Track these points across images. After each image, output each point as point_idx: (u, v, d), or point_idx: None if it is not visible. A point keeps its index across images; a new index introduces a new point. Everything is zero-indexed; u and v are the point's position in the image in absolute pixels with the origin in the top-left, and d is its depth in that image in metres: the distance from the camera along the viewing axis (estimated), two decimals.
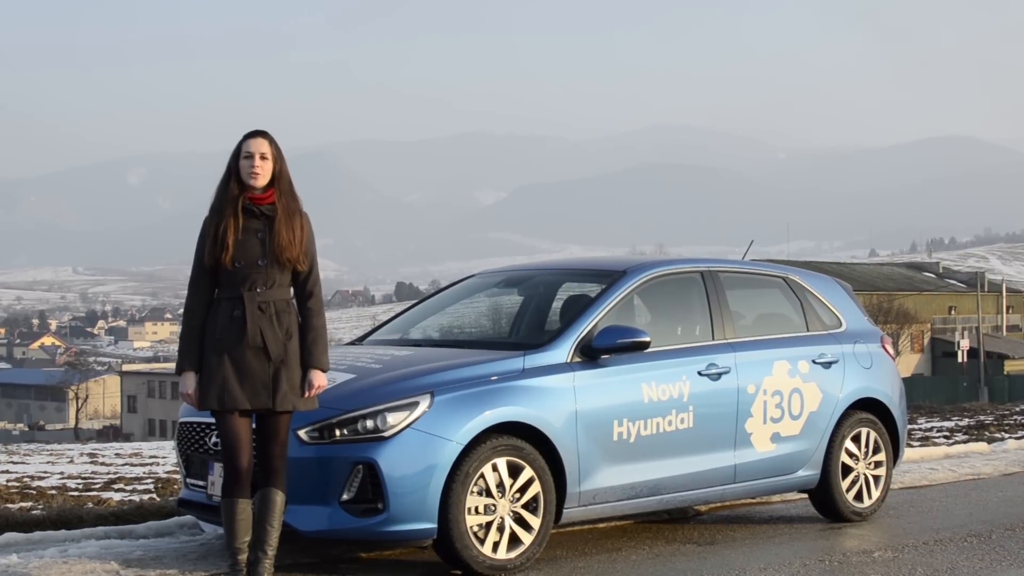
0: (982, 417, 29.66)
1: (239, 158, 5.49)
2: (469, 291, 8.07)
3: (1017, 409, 33.62)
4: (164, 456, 28.93)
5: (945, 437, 20.91)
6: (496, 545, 6.08)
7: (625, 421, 6.62)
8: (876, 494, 7.91)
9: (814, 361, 7.66)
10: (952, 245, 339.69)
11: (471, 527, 6.00)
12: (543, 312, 7.58)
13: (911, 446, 14.41)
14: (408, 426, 5.90)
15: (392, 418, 5.89)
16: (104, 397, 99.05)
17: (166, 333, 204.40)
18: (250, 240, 5.44)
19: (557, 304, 7.45)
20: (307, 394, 5.51)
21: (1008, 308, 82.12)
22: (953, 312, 78.06)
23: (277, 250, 5.44)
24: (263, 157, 5.46)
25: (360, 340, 7.87)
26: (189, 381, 5.47)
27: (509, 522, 6.14)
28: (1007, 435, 19.36)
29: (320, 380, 5.52)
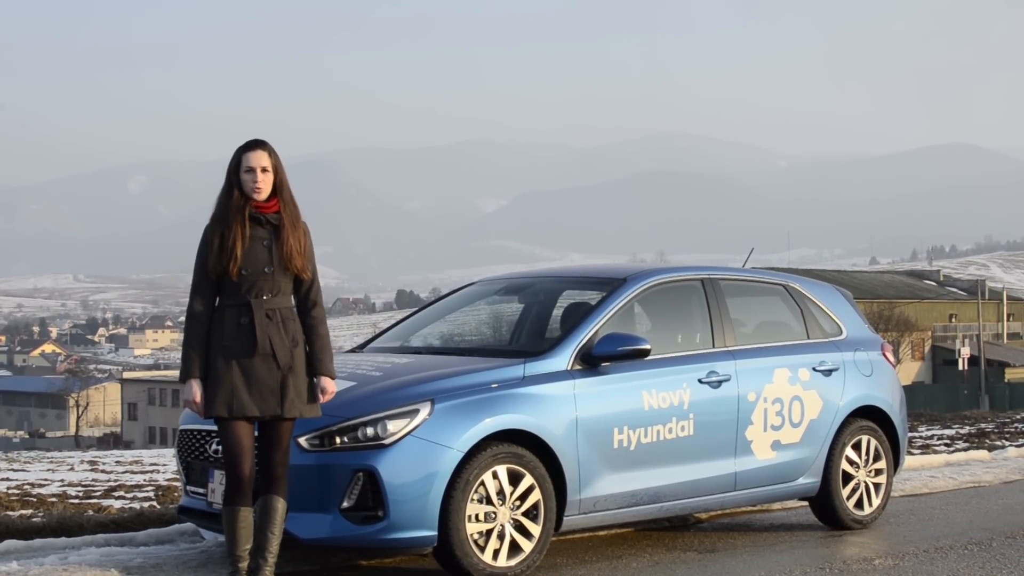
0: (983, 425, 29.67)
1: (239, 171, 5.49)
2: (470, 299, 8.07)
3: (1018, 417, 33.61)
4: (164, 463, 28.91)
5: (946, 445, 20.91)
6: (496, 553, 6.08)
7: (626, 429, 6.61)
8: (876, 502, 7.91)
9: (814, 369, 7.65)
10: (953, 253, 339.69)
11: (471, 535, 6.00)
12: (543, 320, 7.57)
13: (911, 454, 14.40)
14: (408, 433, 5.90)
15: (392, 425, 5.90)
16: (104, 405, 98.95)
17: (167, 340, 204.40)
18: (256, 248, 5.45)
19: (558, 312, 7.45)
20: (322, 400, 5.56)
21: (1009, 316, 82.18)
22: (954, 320, 78.08)
23: (285, 258, 5.46)
24: (264, 170, 5.47)
25: (361, 347, 7.88)
26: (195, 389, 5.45)
27: (509, 530, 6.14)
28: (1008, 443, 19.38)
29: (331, 387, 5.57)
